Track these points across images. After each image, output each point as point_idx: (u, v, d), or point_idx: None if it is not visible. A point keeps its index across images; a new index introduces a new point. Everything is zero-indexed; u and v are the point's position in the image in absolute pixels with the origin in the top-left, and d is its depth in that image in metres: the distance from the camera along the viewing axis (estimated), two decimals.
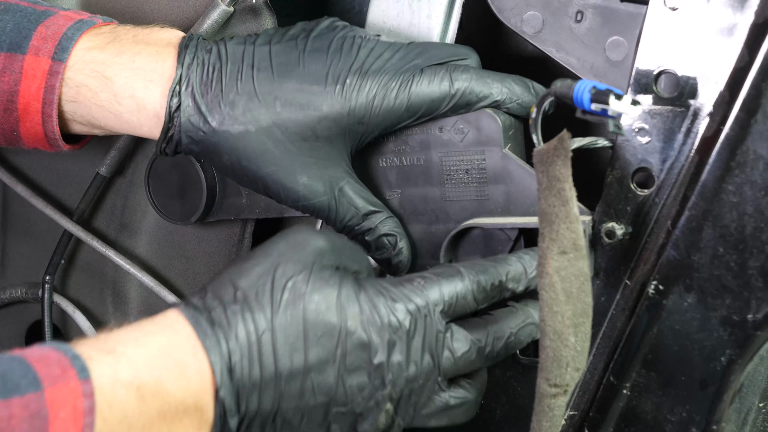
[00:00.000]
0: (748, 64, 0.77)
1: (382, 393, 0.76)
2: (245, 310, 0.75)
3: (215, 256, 1.15)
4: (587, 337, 0.77)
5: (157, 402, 0.70)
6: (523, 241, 0.88)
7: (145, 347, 0.72)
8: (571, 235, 0.75)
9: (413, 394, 0.78)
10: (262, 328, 0.74)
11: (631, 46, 0.84)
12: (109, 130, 0.94)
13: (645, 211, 0.83)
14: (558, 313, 0.75)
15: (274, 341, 0.74)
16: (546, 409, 0.78)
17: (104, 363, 0.69)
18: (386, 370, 0.76)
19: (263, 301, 0.75)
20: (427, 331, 0.78)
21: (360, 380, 0.76)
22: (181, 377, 0.71)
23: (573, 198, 0.75)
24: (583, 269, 0.75)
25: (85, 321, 1.22)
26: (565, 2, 0.87)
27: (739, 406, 0.86)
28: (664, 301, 0.82)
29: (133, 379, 0.69)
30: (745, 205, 0.78)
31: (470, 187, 0.89)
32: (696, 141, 0.80)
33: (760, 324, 0.79)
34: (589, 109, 0.77)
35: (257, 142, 0.88)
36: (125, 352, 0.70)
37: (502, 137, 0.87)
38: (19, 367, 0.66)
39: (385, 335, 0.76)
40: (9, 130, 0.93)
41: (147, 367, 0.70)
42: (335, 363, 0.75)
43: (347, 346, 0.75)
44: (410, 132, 0.91)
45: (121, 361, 0.70)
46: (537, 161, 0.77)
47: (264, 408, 0.74)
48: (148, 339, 0.73)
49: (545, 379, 0.77)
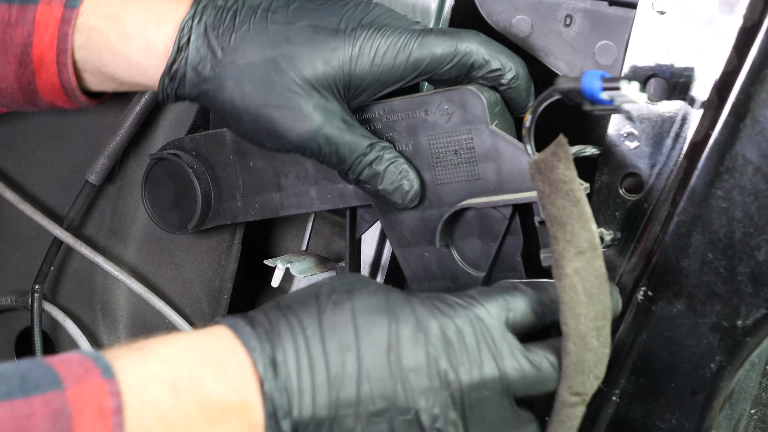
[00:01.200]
0: (737, 68, 0.77)
1: (445, 397, 0.72)
2: (289, 314, 0.72)
3: (204, 263, 1.15)
4: (607, 342, 0.75)
5: (196, 398, 0.67)
6: (518, 218, 0.87)
7: (176, 345, 0.69)
8: (587, 235, 0.74)
9: (478, 406, 0.74)
10: (309, 326, 0.71)
11: (620, 50, 0.84)
12: (117, 78, 0.91)
13: (634, 217, 0.82)
14: (581, 315, 0.73)
15: (323, 339, 0.71)
16: (564, 419, 0.75)
17: (132, 359, 0.67)
18: (448, 371, 0.73)
19: (309, 305, 0.73)
20: (488, 336, 0.74)
21: (420, 381, 0.72)
22: (219, 371, 0.68)
23: (584, 197, 0.74)
24: (601, 269, 0.74)
25: (75, 329, 1.21)
26: (554, 6, 0.87)
27: (730, 413, 0.86)
28: (653, 307, 0.82)
29: (165, 374, 0.66)
30: (735, 211, 0.78)
31: (460, 168, 0.88)
32: (685, 146, 0.79)
33: (750, 330, 0.79)
34: (599, 99, 0.75)
35: (262, 73, 0.86)
36: (155, 350, 0.68)
37: (488, 114, 0.86)
38: (39, 367, 0.64)
39: (442, 337, 0.73)
40: (26, 84, 0.91)
41: (180, 362, 0.68)
42: (391, 363, 0.72)
43: (402, 344, 0.72)
44: (397, 118, 0.90)
45: (150, 357, 0.67)
46: (534, 171, 0.76)
47: (319, 414, 0.70)
48: (180, 338, 0.70)
49: (567, 387, 0.74)
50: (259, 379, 0.69)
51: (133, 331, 1.22)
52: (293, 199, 0.98)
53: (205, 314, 1.16)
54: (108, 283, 1.20)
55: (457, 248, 0.91)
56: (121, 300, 1.21)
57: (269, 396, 0.69)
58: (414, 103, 0.89)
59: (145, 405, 0.65)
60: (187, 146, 1.04)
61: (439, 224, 0.90)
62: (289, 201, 0.98)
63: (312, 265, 1.06)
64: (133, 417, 0.64)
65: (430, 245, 0.91)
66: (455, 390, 0.73)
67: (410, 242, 0.93)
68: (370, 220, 0.97)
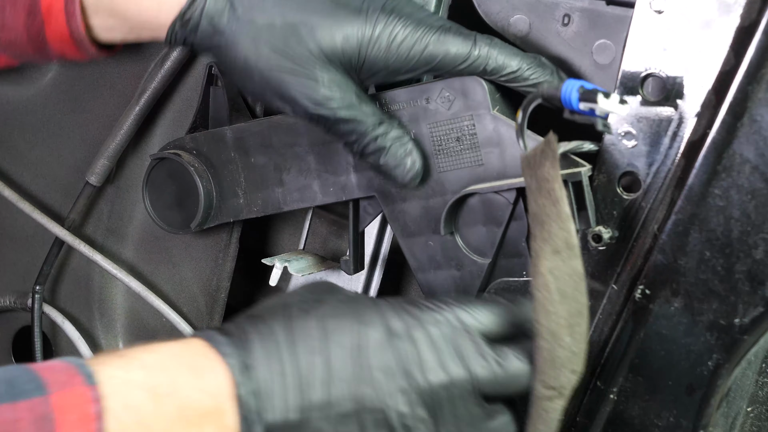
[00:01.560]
0: (734, 67, 0.77)
1: (414, 396, 0.73)
2: (260, 323, 0.74)
3: (202, 262, 1.15)
4: (583, 338, 0.76)
5: (174, 404, 0.68)
6: (523, 202, 0.87)
7: (157, 352, 0.71)
8: (563, 234, 0.75)
9: (448, 404, 0.75)
10: (279, 333, 0.73)
11: (618, 49, 0.84)
12: (128, 18, 0.89)
13: (631, 215, 0.82)
14: (552, 313, 0.75)
15: (293, 344, 0.72)
16: (542, 412, 0.77)
17: (115, 365, 0.68)
18: (415, 371, 0.74)
19: (280, 313, 0.74)
20: (456, 338, 0.75)
21: (388, 382, 0.73)
22: (197, 377, 0.70)
23: (563, 197, 0.75)
24: (577, 268, 0.75)
25: (74, 331, 1.21)
26: (551, 6, 0.87)
27: (727, 411, 0.86)
28: (650, 305, 0.82)
29: (146, 379, 0.68)
30: (732, 209, 0.78)
31: (463, 155, 0.88)
32: (682, 145, 0.80)
33: (747, 328, 0.79)
34: (577, 109, 0.76)
35: (281, 37, 0.85)
36: (137, 357, 0.70)
37: (489, 100, 0.86)
38: (25, 374, 0.66)
39: (409, 339, 0.74)
40: (36, 34, 0.90)
41: (160, 369, 0.69)
42: (359, 365, 0.73)
43: (370, 346, 0.73)
44: (398, 107, 0.90)
45: (132, 364, 0.69)
46: (525, 165, 0.77)
47: (291, 417, 0.71)
48: (160, 347, 0.72)
49: (541, 381, 0.76)
50: (234, 383, 0.70)
51: (131, 331, 1.22)
52: (296, 194, 0.98)
53: (202, 313, 1.16)
54: (105, 282, 1.20)
55: (462, 236, 0.92)
56: (118, 300, 1.21)
57: (243, 400, 0.70)
58: (415, 91, 0.89)
59: (126, 409, 0.66)
60: (188, 145, 1.04)
61: (443, 212, 0.90)
62: (291, 196, 0.98)
63: (309, 264, 1.06)
64: (115, 421, 0.65)
65: (434, 234, 0.92)
66: (424, 390, 0.74)
67: (414, 232, 0.93)
68: (373, 212, 0.97)
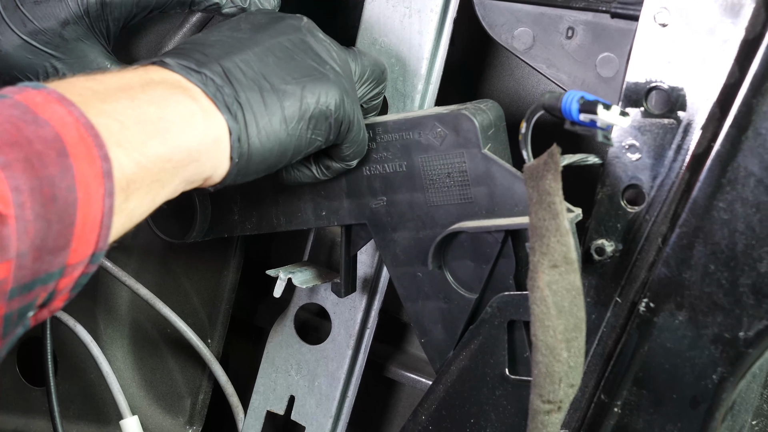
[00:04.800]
0: (739, 80, 0.77)
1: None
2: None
3: (207, 273, 1.15)
4: (581, 352, 0.76)
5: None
6: (511, 241, 0.87)
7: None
8: (561, 249, 0.75)
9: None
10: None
11: (622, 62, 0.84)
12: None
13: (635, 228, 0.82)
14: (550, 328, 0.75)
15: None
16: (539, 425, 0.77)
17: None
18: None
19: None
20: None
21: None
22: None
23: (563, 211, 0.74)
24: (575, 283, 0.75)
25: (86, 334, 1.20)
26: (555, 19, 0.87)
27: (732, 424, 0.86)
28: (655, 318, 0.82)
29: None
30: (736, 222, 0.78)
31: (453, 190, 0.89)
32: (686, 157, 0.80)
33: (752, 341, 0.79)
34: (578, 120, 0.76)
35: None
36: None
37: (480, 138, 0.86)
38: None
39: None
40: None
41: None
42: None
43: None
44: (391, 138, 0.90)
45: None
46: (527, 176, 0.77)
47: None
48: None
49: (538, 395, 0.76)
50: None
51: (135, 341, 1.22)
52: (290, 215, 0.98)
53: (204, 324, 1.16)
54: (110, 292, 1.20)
55: (450, 269, 0.91)
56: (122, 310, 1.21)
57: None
58: (408, 123, 0.89)
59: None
60: None
61: (432, 246, 0.90)
62: (286, 217, 0.98)
63: (314, 276, 1.06)
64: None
65: (423, 265, 0.92)
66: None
67: (403, 262, 0.93)
68: (366, 237, 0.97)
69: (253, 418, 1.11)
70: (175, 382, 1.23)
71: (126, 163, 0.65)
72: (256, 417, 1.11)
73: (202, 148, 0.73)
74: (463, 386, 0.90)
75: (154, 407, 1.23)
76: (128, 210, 0.67)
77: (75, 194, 0.60)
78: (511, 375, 0.88)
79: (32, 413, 1.27)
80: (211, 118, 0.74)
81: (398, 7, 0.97)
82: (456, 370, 0.90)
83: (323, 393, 1.08)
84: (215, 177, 0.76)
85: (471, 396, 0.90)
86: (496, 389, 0.89)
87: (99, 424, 1.25)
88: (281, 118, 0.78)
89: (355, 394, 1.07)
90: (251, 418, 1.12)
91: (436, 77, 0.98)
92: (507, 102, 1.11)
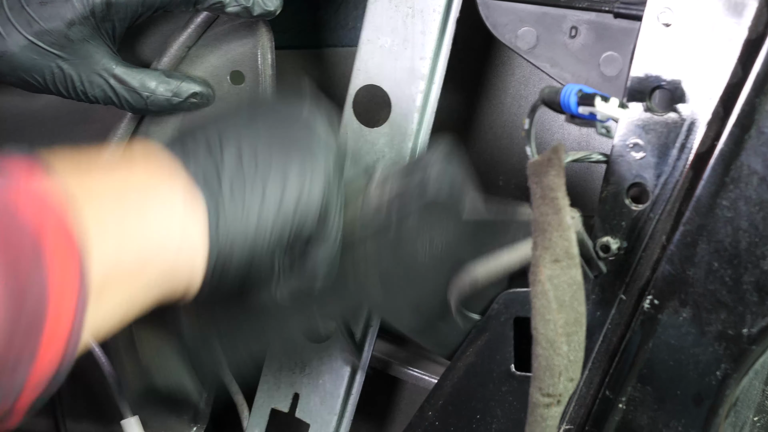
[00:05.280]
0: (742, 79, 0.78)
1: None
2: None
3: None
4: (581, 346, 0.77)
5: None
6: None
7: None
8: (563, 243, 0.75)
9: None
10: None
11: (625, 61, 0.84)
12: None
13: (640, 226, 0.83)
14: (550, 321, 0.75)
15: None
16: (539, 419, 0.78)
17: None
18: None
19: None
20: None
21: None
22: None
23: (566, 207, 0.75)
24: (576, 277, 0.76)
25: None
26: (559, 18, 0.88)
27: (734, 421, 0.86)
28: (659, 315, 0.83)
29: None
30: (740, 220, 0.78)
31: None
32: (690, 156, 0.80)
33: (755, 338, 0.79)
34: (576, 113, 0.77)
35: None
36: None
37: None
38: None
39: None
40: None
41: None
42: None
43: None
44: None
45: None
46: (531, 172, 0.78)
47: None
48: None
49: (538, 388, 0.77)
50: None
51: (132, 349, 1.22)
52: None
53: None
54: None
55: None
56: None
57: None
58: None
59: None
60: None
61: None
62: None
63: None
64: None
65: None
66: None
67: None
68: None
69: (257, 416, 1.12)
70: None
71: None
72: (260, 415, 1.12)
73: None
74: (470, 382, 0.91)
75: (158, 405, 1.23)
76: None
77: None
78: (517, 371, 0.89)
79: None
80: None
81: (401, 7, 0.97)
82: (462, 366, 0.90)
83: (327, 391, 1.08)
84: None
85: (477, 392, 0.90)
86: (503, 385, 0.89)
87: (102, 423, 1.25)
88: None
89: (359, 391, 1.08)
90: (256, 416, 1.12)
91: (439, 77, 0.98)
92: (509, 101, 1.11)
